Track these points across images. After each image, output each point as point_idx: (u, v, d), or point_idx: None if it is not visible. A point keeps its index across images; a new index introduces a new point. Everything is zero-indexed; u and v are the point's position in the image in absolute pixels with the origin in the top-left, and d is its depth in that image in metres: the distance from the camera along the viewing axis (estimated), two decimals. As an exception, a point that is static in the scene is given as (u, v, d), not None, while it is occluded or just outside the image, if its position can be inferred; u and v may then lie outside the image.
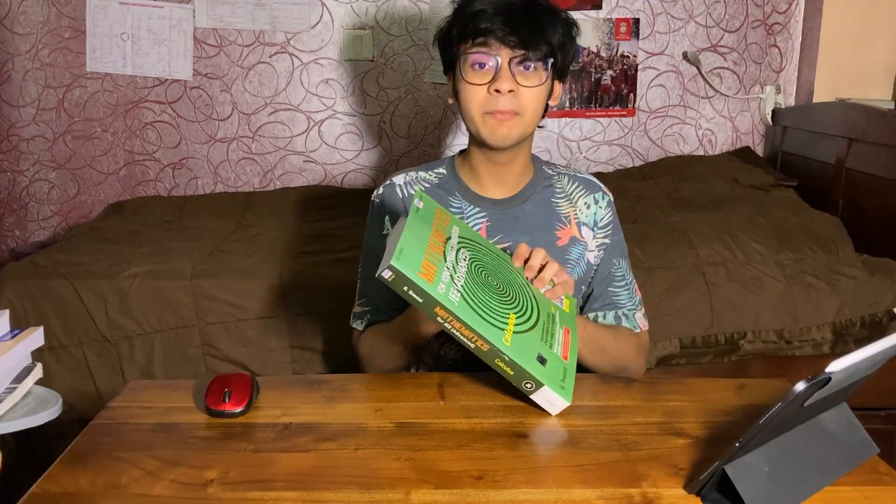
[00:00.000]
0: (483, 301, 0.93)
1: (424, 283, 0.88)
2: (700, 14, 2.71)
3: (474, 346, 0.91)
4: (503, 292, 0.98)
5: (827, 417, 0.82)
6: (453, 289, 0.91)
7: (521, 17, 1.13)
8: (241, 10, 2.64)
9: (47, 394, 1.00)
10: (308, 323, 1.76)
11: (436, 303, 0.88)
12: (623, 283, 1.30)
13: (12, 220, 2.75)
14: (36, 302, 1.73)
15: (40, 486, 0.80)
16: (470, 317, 0.90)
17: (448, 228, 1.01)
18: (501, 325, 0.92)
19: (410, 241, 0.91)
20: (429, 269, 0.89)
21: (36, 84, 2.65)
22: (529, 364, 0.91)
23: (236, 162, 2.76)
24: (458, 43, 1.18)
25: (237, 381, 0.97)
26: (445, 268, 0.92)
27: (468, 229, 1.07)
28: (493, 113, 1.16)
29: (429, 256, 0.92)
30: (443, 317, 0.90)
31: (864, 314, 1.80)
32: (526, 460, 0.84)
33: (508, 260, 1.07)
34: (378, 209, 1.29)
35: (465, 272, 0.95)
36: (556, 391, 0.92)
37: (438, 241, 0.96)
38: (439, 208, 1.04)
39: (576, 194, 1.29)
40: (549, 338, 0.98)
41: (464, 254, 0.99)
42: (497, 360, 0.91)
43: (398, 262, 0.86)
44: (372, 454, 0.86)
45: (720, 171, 2.52)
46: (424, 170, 1.31)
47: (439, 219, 1.01)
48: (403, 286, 0.88)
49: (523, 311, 0.97)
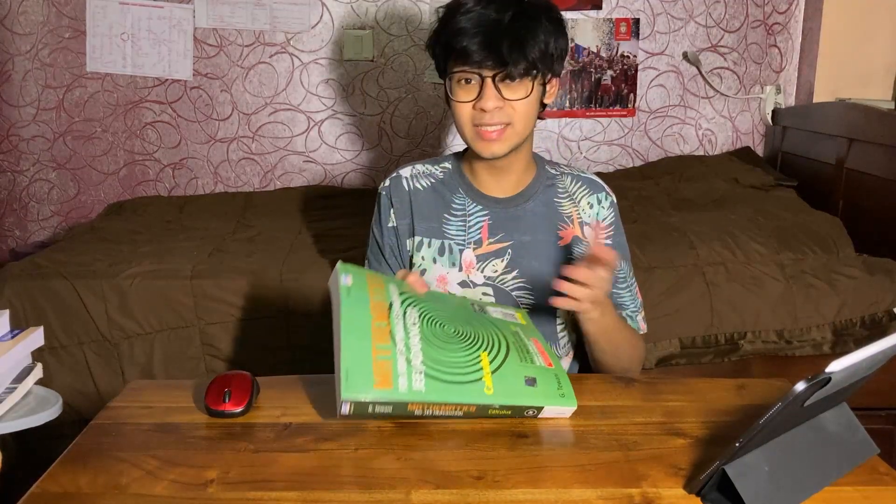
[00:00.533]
0: (449, 363, 0.88)
1: (385, 393, 0.82)
2: (700, 14, 2.71)
3: (463, 413, 0.88)
4: (464, 336, 0.93)
5: (827, 417, 0.82)
6: (415, 374, 0.85)
7: (500, 34, 1.12)
8: (241, 10, 2.64)
9: (47, 394, 1.00)
10: (308, 323, 1.76)
11: (405, 403, 0.84)
12: (625, 284, 1.30)
13: (12, 220, 2.75)
14: (36, 302, 1.73)
15: (40, 486, 0.80)
16: (444, 393, 0.85)
17: (386, 293, 0.94)
18: (476, 376, 0.88)
19: (352, 345, 0.84)
20: (383, 372, 0.83)
21: (36, 84, 2.65)
22: (521, 397, 0.90)
23: (236, 162, 2.76)
24: (444, 57, 1.19)
25: (237, 381, 0.98)
26: (398, 351, 0.86)
27: (404, 283, 1.02)
28: (482, 130, 1.16)
29: (377, 352, 0.85)
30: (420, 408, 0.85)
31: (864, 314, 1.80)
32: (526, 460, 0.84)
33: (449, 296, 1.05)
34: (385, 202, 1.30)
35: (419, 339, 0.89)
36: (558, 404, 0.92)
37: (381, 315, 0.90)
38: (369, 273, 0.98)
39: (579, 194, 1.29)
40: (526, 354, 0.97)
41: (411, 314, 0.93)
42: (491, 412, 0.89)
43: (349, 391, 0.80)
44: (372, 454, 0.86)
45: (720, 171, 2.52)
46: (431, 163, 1.32)
47: (373, 286, 0.95)
48: (367, 409, 0.82)
49: (491, 345, 0.94)
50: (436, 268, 1.27)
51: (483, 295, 1.26)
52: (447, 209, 1.27)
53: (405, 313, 0.92)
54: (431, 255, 1.27)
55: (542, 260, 1.25)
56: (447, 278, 1.26)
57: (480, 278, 1.26)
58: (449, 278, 1.26)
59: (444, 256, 1.26)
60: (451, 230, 1.27)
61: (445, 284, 1.26)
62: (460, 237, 1.26)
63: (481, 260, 1.25)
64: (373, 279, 0.96)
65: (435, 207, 1.28)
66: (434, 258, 1.27)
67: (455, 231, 1.26)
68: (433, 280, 1.27)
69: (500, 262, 1.25)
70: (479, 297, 1.26)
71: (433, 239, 1.27)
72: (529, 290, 1.26)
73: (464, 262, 1.25)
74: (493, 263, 1.25)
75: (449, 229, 1.27)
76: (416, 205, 1.28)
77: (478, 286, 1.26)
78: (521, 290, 1.26)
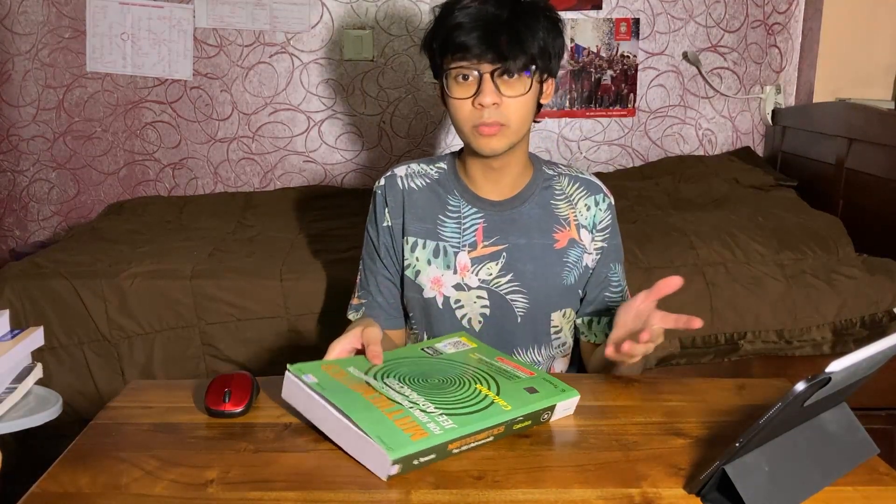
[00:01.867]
0: (459, 401, 0.88)
1: (425, 441, 0.80)
2: (700, 14, 2.71)
3: (493, 438, 0.87)
4: (450, 381, 0.93)
5: (827, 417, 0.82)
6: (438, 418, 0.83)
7: (499, 29, 1.12)
8: (241, 10, 2.64)
9: (47, 394, 1.00)
10: (308, 323, 1.76)
11: (446, 443, 0.81)
12: (619, 288, 1.30)
13: (12, 220, 2.75)
14: (36, 302, 1.73)
15: (40, 486, 0.80)
16: (474, 422, 0.84)
17: (351, 375, 0.92)
18: (488, 401, 0.88)
19: (365, 418, 0.82)
20: (410, 427, 0.81)
21: (36, 84, 2.66)
22: (534, 404, 0.90)
23: (236, 162, 2.76)
24: (440, 55, 1.18)
25: (237, 381, 0.97)
26: (408, 408, 0.85)
27: (362, 359, 0.98)
28: (480, 128, 1.16)
29: (390, 415, 0.83)
30: (458, 445, 0.83)
31: (864, 314, 1.80)
32: (526, 460, 0.84)
33: (401, 350, 1.03)
34: (380, 200, 1.30)
35: (416, 394, 0.88)
36: (564, 399, 0.93)
37: (367, 390, 0.88)
38: (322, 363, 0.95)
39: (576, 196, 1.28)
40: (507, 373, 0.97)
41: (390, 381, 0.92)
42: (515, 427, 0.89)
43: (395, 452, 0.77)
44: (372, 454, 0.86)
45: (720, 171, 2.52)
46: (426, 163, 1.31)
47: (335, 374, 0.92)
48: (413, 463, 0.79)
49: (477, 378, 0.94)
50: (430, 269, 1.26)
51: (478, 298, 1.26)
52: (442, 210, 1.27)
53: (384, 381, 0.91)
54: (426, 256, 1.26)
55: (538, 263, 1.24)
56: (442, 280, 1.26)
57: (475, 281, 1.25)
58: (443, 280, 1.26)
59: (439, 258, 1.26)
60: (445, 232, 1.26)
61: (440, 287, 1.26)
62: (455, 239, 1.25)
63: (476, 263, 1.25)
64: (329, 367, 0.94)
65: (430, 208, 1.27)
66: (429, 260, 1.26)
67: (450, 233, 1.26)
68: (427, 282, 1.27)
69: (495, 265, 1.25)
70: (473, 300, 1.26)
71: (428, 240, 1.26)
72: (524, 294, 1.25)
73: (458, 265, 1.25)
74: (487, 266, 1.25)
75: (444, 231, 1.26)
76: (411, 204, 1.27)
77: (472, 289, 1.25)
78: (515, 294, 1.25)
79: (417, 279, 1.27)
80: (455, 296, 1.26)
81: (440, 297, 1.26)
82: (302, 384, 0.89)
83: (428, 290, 1.27)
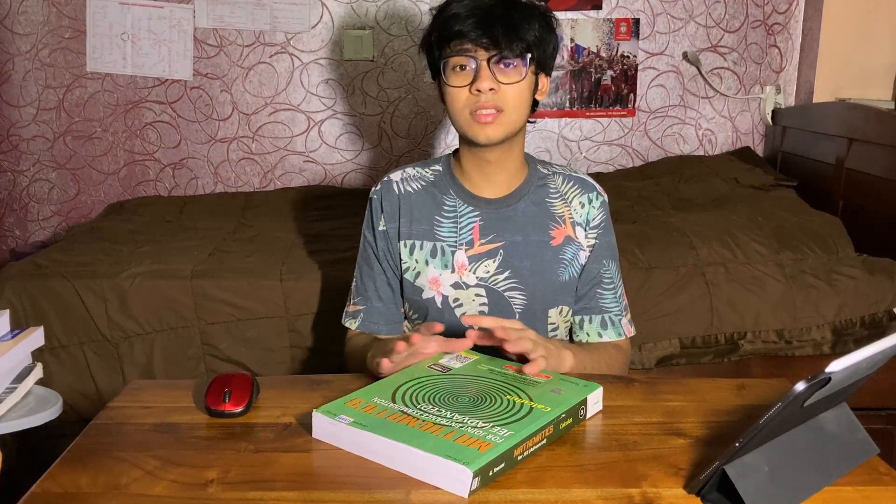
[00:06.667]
0: (501, 412, 0.88)
1: (492, 450, 0.79)
2: (700, 14, 2.71)
3: (545, 440, 0.87)
4: (484, 399, 0.93)
5: (827, 417, 0.82)
6: (493, 429, 0.84)
7: (495, 17, 1.16)
8: (241, 11, 2.64)
9: (47, 394, 1.00)
10: (308, 323, 1.76)
11: (512, 449, 0.81)
12: (611, 286, 1.30)
13: (12, 220, 2.75)
14: (36, 302, 1.73)
15: (40, 486, 0.80)
16: (526, 427, 0.85)
17: (385, 407, 0.90)
18: (528, 407, 0.89)
19: (423, 444, 0.81)
20: (472, 442, 0.81)
21: (36, 84, 2.66)
22: (568, 400, 0.92)
23: (236, 162, 2.76)
24: (439, 48, 1.21)
25: (237, 381, 0.98)
26: (457, 427, 0.84)
27: (380, 386, 0.97)
28: (477, 114, 1.17)
29: (446, 437, 0.82)
30: (522, 451, 0.83)
31: (864, 314, 1.80)
32: (526, 460, 0.84)
33: (411, 370, 1.02)
34: (375, 206, 1.30)
35: (458, 414, 0.88)
36: (590, 392, 0.95)
37: (410, 420, 0.87)
38: (346, 400, 0.92)
39: (570, 194, 1.29)
40: (528, 381, 0.98)
41: (427, 406, 0.90)
42: (561, 426, 0.89)
43: (473, 465, 0.77)
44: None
45: (720, 171, 2.52)
46: (421, 167, 1.32)
47: (365, 407, 0.90)
48: (488, 472, 0.79)
49: (505, 392, 0.95)
50: (428, 270, 1.26)
51: (476, 296, 1.26)
52: (439, 210, 1.27)
53: (419, 408, 0.90)
54: (424, 257, 1.27)
55: (534, 260, 1.25)
56: (440, 280, 1.26)
57: (473, 279, 1.25)
58: (442, 280, 1.26)
59: (437, 258, 1.26)
60: (442, 232, 1.26)
61: (438, 286, 1.26)
62: (452, 239, 1.26)
63: (473, 261, 1.25)
64: (355, 402, 0.92)
65: (426, 209, 1.28)
66: (426, 260, 1.27)
67: (447, 233, 1.26)
68: (426, 283, 1.27)
69: (493, 262, 1.25)
70: (472, 298, 1.26)
71: (425, 241, 1.27)
72: (522, 291, 1.26)
73: (456, 264, 1.25)
74: (485, 264, 1.25)
75: (440, 231, 1.27)
76: (407, 208, 1.28)
77: (470, 287, 1.26)
78: (513, 291, 1.26)
79: (417, 281, 1.27)
80: (454, 294, 1.26)
81: (439, 297, 1.27)
82: (339, 424, 0.87)
83: (427, 291, 1.27)
